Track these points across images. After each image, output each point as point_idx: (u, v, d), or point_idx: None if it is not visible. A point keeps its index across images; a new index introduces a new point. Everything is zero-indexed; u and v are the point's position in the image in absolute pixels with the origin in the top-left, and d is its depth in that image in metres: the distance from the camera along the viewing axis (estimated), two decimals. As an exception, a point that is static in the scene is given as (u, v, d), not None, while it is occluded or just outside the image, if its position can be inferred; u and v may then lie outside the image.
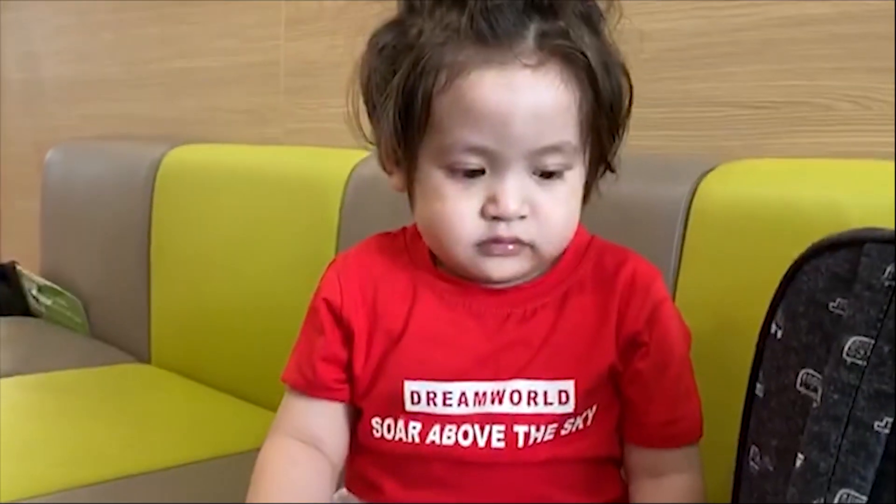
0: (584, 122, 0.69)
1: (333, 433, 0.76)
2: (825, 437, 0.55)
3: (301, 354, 0.77)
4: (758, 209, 0.85)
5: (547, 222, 0.69)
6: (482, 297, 0.73)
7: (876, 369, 0.54)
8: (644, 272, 0.74)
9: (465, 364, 0.72)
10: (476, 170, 0.68)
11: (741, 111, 1.00)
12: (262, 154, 1.51)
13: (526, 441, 0.71)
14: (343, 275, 0.76)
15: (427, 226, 0.72)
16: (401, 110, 0.68)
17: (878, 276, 0.55)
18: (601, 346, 0.72)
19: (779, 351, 0.62)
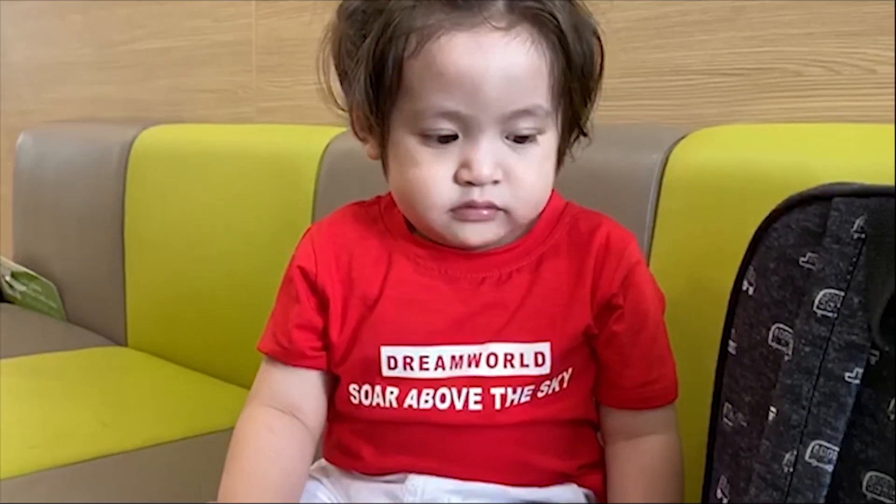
0: (556, 85, 0.69)
1: (311, 401, 0.76)
2: (797, 389, 0.56)
3: (277, 323, 0.77)
4: (730, 174, 0.85)
5: (520, 186, 0.69)
6: (457, 262, 0.73)
7: (846, 321, 0.55)
8: (618, 236, 0.75)
9: (441, 328, 0.72)
10: (449, 135, 0.68)
11: (713, 79, 1.00)
12: (236, 133, 1.50)
13: (503, 403, 0.71)
14: (317, 243, 0.76)
15: (401, 192, 0.72)
16: (372, 76, 0.68)
17: (847, 229, 0.56)
18: (576, 309, 0.72)
19: (751, 308, 0.62)
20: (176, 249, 1.49)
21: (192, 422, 1.22)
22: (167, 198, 1.51)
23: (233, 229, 1.38)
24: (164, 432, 1.18)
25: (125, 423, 1.20)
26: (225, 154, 1.43)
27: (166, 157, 1.54)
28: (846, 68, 0.90)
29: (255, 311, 0.89)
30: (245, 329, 1.16)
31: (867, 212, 0.55)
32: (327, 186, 1.25)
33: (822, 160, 0.80)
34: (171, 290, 1.50)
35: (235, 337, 1.35)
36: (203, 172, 1.45)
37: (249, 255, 1.35)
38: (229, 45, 1.64)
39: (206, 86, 1.70)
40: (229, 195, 1.39)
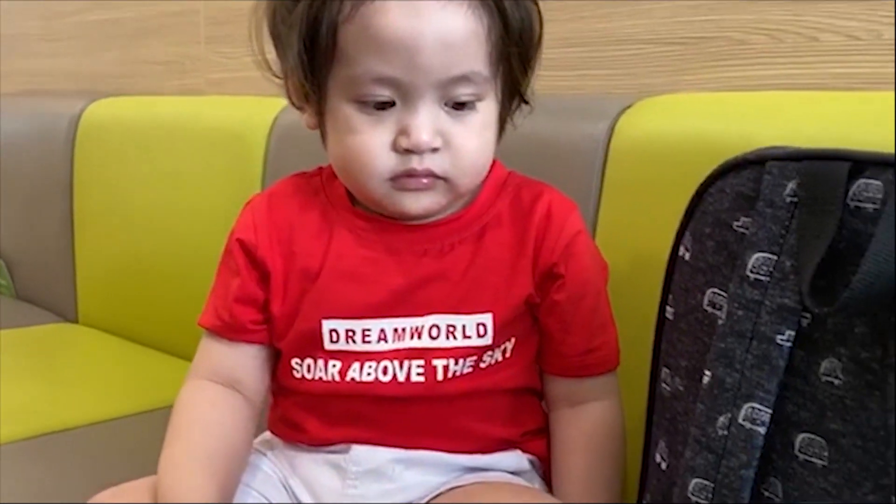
0: (494, 51, 0.68)
1: (252, 375, 0.75)
2: (730, 352, 0.56)
3: (217, 297, 0.76)
4: (675, 143, 0.85)
5: (460, 154, 0.69)
6: (399, 233, 0.73)
7: (779, 284, 0.55)
8: (560, 205, 0.75)
9: (383, 301, 0.71)
10: (386, 101, 0.67)
11: (660, 48, 1.00)
12: (184, 105, 1.47)
13: (445, 374, 0.71)
14: (258, 215, 0.75)
15: (339, 161, 0.71)
16: (306, 41, 0.67)
17: (780, 192, 0.56)
18: (518, 279, 0.72)
19: (687, 273, 0.62)
20: (126, 224, 1.47)
21: (141, 397, 1.20)
22: (116, 171, 1.49)
23: (183, 203, 1.36)
24: (112, 408, 1.16)
25: (73, 400, 1.19)
26: (174, 127, 1.41)
27: (115, 130, 1.52)
28: (789, 36, 0.90)
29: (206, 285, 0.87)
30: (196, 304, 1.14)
31: (799, 175, 0.55)
32: (277, 158, 1.24)
33: (765, 128, 0.80)
34: (122, 265, 1.48)
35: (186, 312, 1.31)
36: (152, 145, 1.43)
37: (200, 228, 1.33)
38: (177, 16, 1.61)
39: (154, 57, 1.67)
40: (179, 168, 1.38)
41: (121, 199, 1.47)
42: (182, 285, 1.36)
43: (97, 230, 1.53)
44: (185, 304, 1.34)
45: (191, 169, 1.35)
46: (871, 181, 0.52)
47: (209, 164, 1.33)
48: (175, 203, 1.37)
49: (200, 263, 1.32)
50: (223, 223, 1.23)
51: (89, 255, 1.55)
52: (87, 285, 1.56)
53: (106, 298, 1.53)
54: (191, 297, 1.32)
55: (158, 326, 1.42)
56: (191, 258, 1.34)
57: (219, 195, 1.31)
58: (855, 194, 0.53)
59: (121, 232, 1.48)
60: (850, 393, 0.52)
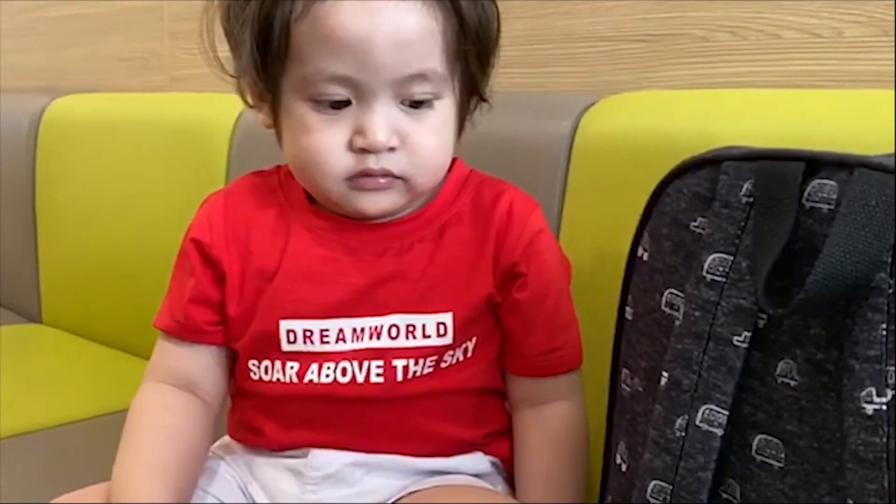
0: (450, 48, 0.67)
1: (209, 377, 0.74)
2: (687, 353, 0.56)
3: (172, 298, 0.75)
4: (639, 141, 0.85)
5: (418, 153, 0.68)
6: (358, 232, 0.72)
7: (735, 285, 0.55)
8: (521, 203, 0.74)
9: (342, 300, 0.70)
10: (341, 101, 0.66)
11: (623, 45, 1.00)
12: (147, 102, 1.46)
13: (405, 375, 0.70)
14: (213, 214, 0.74)
15: (295, 161, 0.70)
16: (258, 40, 0.66)
17: (736, 192, 0.56)
18: (479, 278, 0.72)
19: (645, 273, 0.62)
20: (89, 222, 1.45)
21: (105, 399, 1.19)
22: (79, 169, 1.47)
23: (147, 201, 1.35)
24: (76, 410, 1.15)
25: (36, 402, 1.18)
26: (137, 124, 1.40)
27: (78, 127, 1.50)
28: (752, 33, 0.90)
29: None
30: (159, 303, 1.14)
31: (755, 175, 0.55)
32: (241, 155, 1.23)
33: (728, 126, 0.80)
34: (86, 264, 1.46)
35: (150, 311, 1.31)
36: (115, 143, 1.41)
37: (164, 227, 1.31)
38: (141, 12, 1.59)
39: (118, 54, 1.65)
40: (142, 166, 1.36)
41: (84, 198, 1.45)
42: (146, 285, 1.33)
43: (60, 229, 1.51)
44: (150, 304, 1.31)
45: (155, 167, 1.34)
46: (825, 181, 0.52)
47: (173, 162, 1.31)
48: (138, 202, 1.36)
49: (165, 263, 1.30)
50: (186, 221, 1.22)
51: (52, 254, 1.53)
52: (51, 285, 1.54)
53: (70, 298, 1.51)
54: (155, 297, 1.31)
55: (123, 327, 1.40)
56: (155, 257, 1.31)
57: (183, 193, 1.29)
58: (810, 195, 0.52)
59: (84, 231, 1.46)
60: (806, 394, 0.52)
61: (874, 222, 0.48)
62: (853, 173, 0.50)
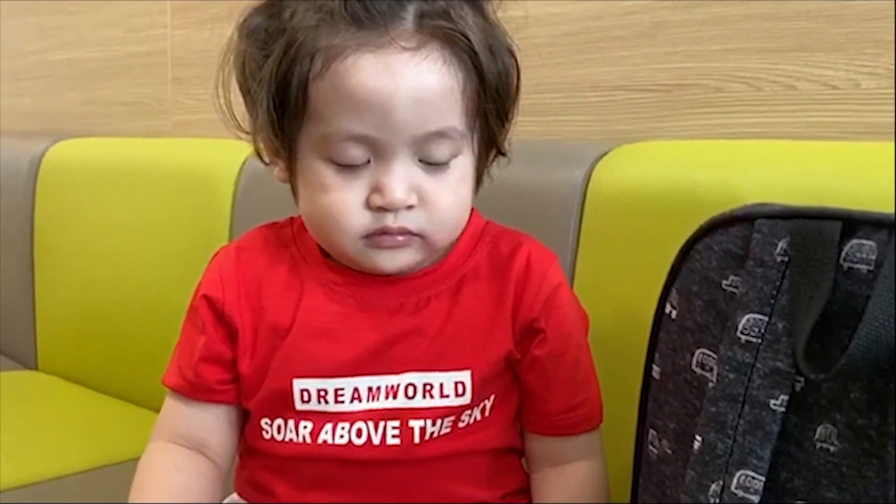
0: (470, 106, 0.66)
1: (219, 436, 0.72)
2: (722, 417, 0.54)
3: (182, 355, 0.73)
4: (652, 191, 0.84)
5: (436, 211, 0.67)
6: (373, 288, 0.70)
7: (771, 346, 0.53)
8: (539, 257, 0.73)
9: (357, 358, 0.69)
10: (359, 159, 0.65)
11: (635, 94, 0.99)
12: (150, 147, 1.45)
13: (422, 436, 0.68)
14: (224, 269, 0.72)
15: (311, 218, 0.69)
16: (276, 98, 0.65)
17: (771, 251, 0.54)
18: (497, 334, 0.70)
19: (674, 331, 0.60)
20: (88, 269, 1.43)
21: (103, 450, 1.17)
22: (79, 214, 1.45)
23: (147, 248, 1.33)
24: (73, 462, 1.13)
25: (31, 453, 1.15)
26: (139, 169, 1.38)
27: (78, 171, 1.48)
28: (767, 84, 0.90)
29: (170, 333, 0.85)
30: (160, 352, 1.11)
31: (790, 234, 0.54)
32: (245, 202, 1.22)
33: (744, 177, 0.79)
34: (83, 310, 1.44)
35: (150, 360, 1.28)
36: (116, 188, 1.40)
37: (165, 275, 1.30)
38: (144, 56, 1.58)
39: (119, 98, 1.65)
40: (144, 212, 1.35)
41: (83, 243, 1.44)
42: (145, 332, 1.33)
43: (58, 274, 1.49)
44: (148, 352, 1.32)
45: (156, 213, 1.32)
46: (864, 242, 0.51)
47: (175, 208, 1.30)
48: (139, 248, 1.34)
49: (164, 310, 1.29)
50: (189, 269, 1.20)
51: (50, 299, 1.51)
52: (47, 331, 1.52)
53: (66, 345, 1.49)
54: (154, 344, 1.29)
55: (120, 374, 1.38)
56: (155, 305, 1.31)
57: (185, 240, 1.28)
58: (848, 255, 0.51)
59: (82, 277, 1.44)
60: (847, 461, 0.50)
61: (918, 285, 0.47)
62: (893, 234, 0.49)
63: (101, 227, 1.41)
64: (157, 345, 1.28)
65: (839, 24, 0.85)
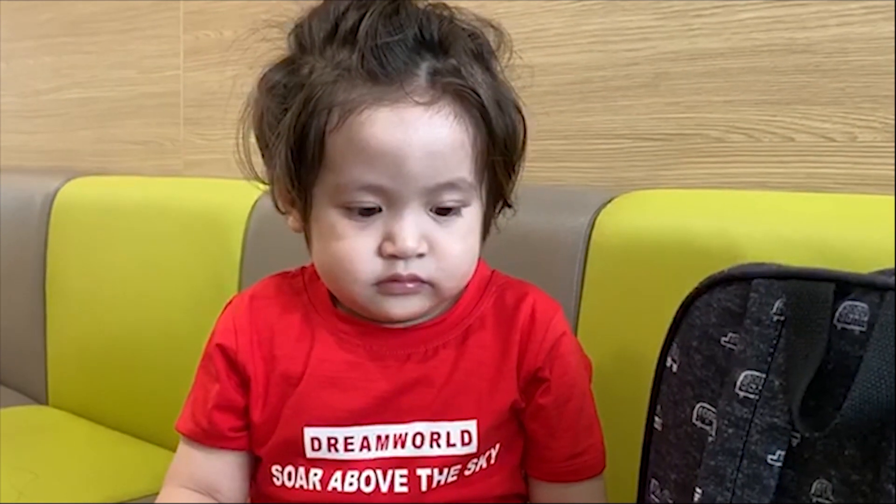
0: (479, 158, 0.69)
1: (231, 482, 0.74)
2: (721, 471, 0.56)
3: (196, 402, 0.75)
4: (654, 239, 0.86)
5: (445, 259, 0.69)
6: (382, 337, 0.72)
7: (768, 403, 0.55)
8: (544, 307, 0.75)
9: (366, 407, 0.70)
10: (372, 208, 0.67)
11: (637, 143, 1.01)
12: (162, 186, 1.46)
13: (429, 484, 0.70)
14: (238, 318, 0.74)
15: (324, 266, 0.71)
16: (293, 150, 0.67)
17: (767, 311, 0.56)
18: (503, 384, 0.72)
19: (675, 385, 0.62)
20: (99, 305, 1.44)
21: (114, 487, 1.18)
22: (91, 252, 1.47)
23: (158, 286, 1.34)
24: (83, 499, 1.13)
25: (42, 490, 1.15)
26: (150, 208, 1.40)
27: (91, 209, 1.50)
28: (766, 136, 0.92)
29: (180, 370, 0.86)
30: (171, 389, 1.13)
31: (786, 294, 0.56)
32: (256, 242, 1.23)
33: (743, 227, 0.81)
34: (95, 347, 1.45)
35: (161, 396, 1.31)
36: (128, 226, 1.41)
37: (175, 312, 1.32)
38: (157, 97, 1.61)
39: (132, 137, 1.67)
40: (155, 250, 1.36)
41: (95, 281, 1.45)
42: (155, 369, 1.34)
43: (70, 311, 1.50)
44: (158, 389, 1.33)
45: (168, 251, 1.33)
46: (856, 303, 0.52)
47: (187, 247, 1.31)
48: (150, 286, 1.35)
49: (175, 348, 1.31)
50: (200, 308, 1.22)
51: (61, 336, 1.52)
52: (59, 367, 1.53)
53: (77, 381, 1.50)
54: (164, 381, 1.31)
55: (131, 411, 1.39)
56: (166, 343, 1.32)
57: (196, 279, 1.29)
58: (841, 316, 0.53)
59: (94, 314, 1.45)
60: (842, 515, 0.52)
61: (908, 347, 0.49)
62: (884, 297, 0.51)
63: (113, 265, 1.42)
64: (167, 382, 1.29)
65: (836, 78, 0.87)
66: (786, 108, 0.90)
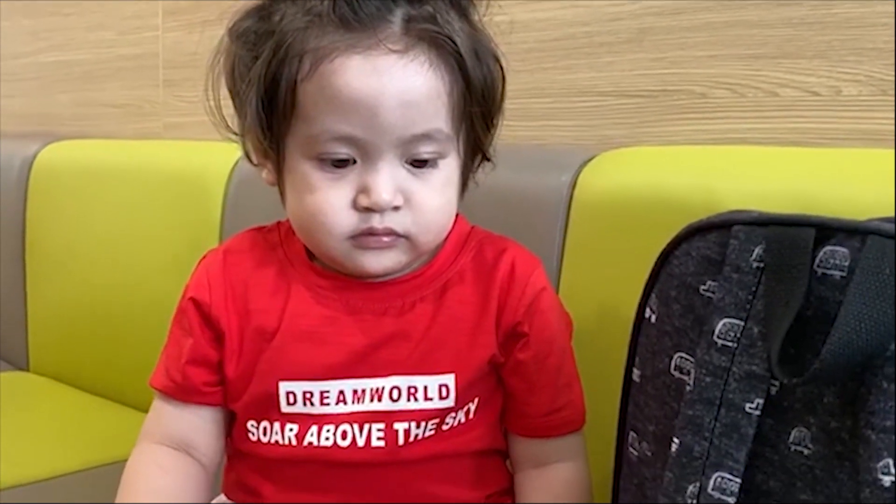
0: (456, 109, 0.67)
1: (206, 438, 0.73)
2: (698, 420, 0.55)
3: (169, 357, 0.73)
4: (636, 197, 0.85)
5: (422, 212, 0.68)
6: (359, 291, 0.71)
7: (746, 351, 0.54)
8: (523, 262, 0.74)
9: (342, 361, 0.69)
10: (346, 160, 0.66)
11: (620, 100, 1.00)
12: (141, 149, 1.45)
13: (406, 438, 0.69)
14: (212, 272, 0.73)
15: (298, 219, 0.70)
16: (264, 99, 0.66)
17: (747, 257, 0.55)
18: (481, 339, 0.71)
19: (653, 335, 0.61)
20: (80, 269, 1.43)
21: (95, 451, 1.17)
22: (71, 216, 1.46)
23: (139, 249, 1.33)
24: (65, 463, 1.13)
25: (22, 455, 1.15)
26: (130, 171, 1.38)
27: (70, 173, 1.48)
28: (750, 91, 0.91)
29: (161, 334, 0.85)
30: (151, 353, 1.11)
31: (766, 240, 0.55)
32: (236, 204, 1.22)
33: (727, 183, 0.80)
34: (75, 311, 1.44)
35: (141, 361, 1.28)
36: (108, 190, 1.40)
37: (156, 275, 1.31)
38: (135, 59, 1.59)
39: (111, 100, 1.65)
40: (135, 213, 1.35)
41: (75, 245, 1.44)
42: (137, 334, 1.33)
43: (50, 275, 1.49)
44: (140, 353, 1.31)
45: (148, 215, 1.33)
46: (837, 248, 0.52)
47: (167, 210, 1.30)
48: (130, 249, 1.34)
49: (156, 312, 1.29)
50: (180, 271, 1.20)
51: (41, 300, 1.51)
52: (39, 332, 1.52)
53: (58, 346, 1.49)
54: (145, 345, 1.29)
55: (112, 376, 1.38)
56: (147, 306, 1.31)
57: (176, 242, 1.28)
58: (822, 261, 0.52)
59: (74, 278, 1.44)
60: (820, 463, 0.51)
61: (888, 291, 0.48)
62: (865, 241, 0.50)
63: (93, 229, 1.41)
64: (148, 346, 1.27)
65: (821, 31, 0.86)
66: (771, 63, 0.89)
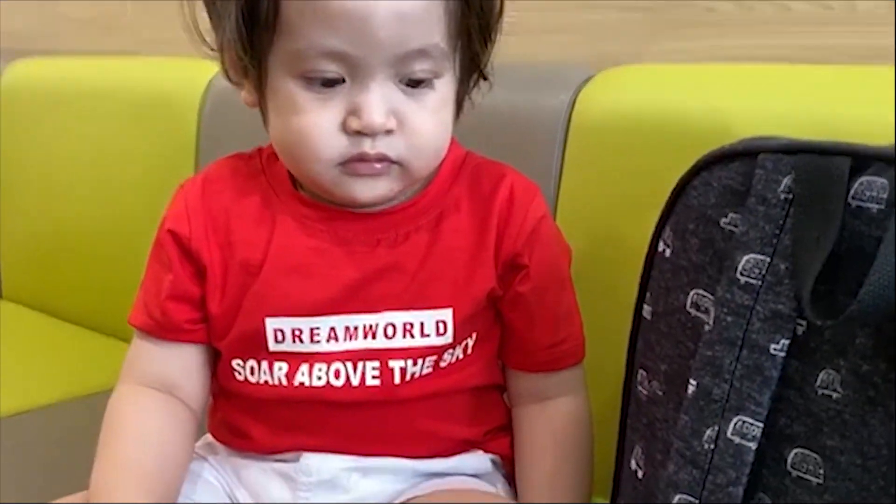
0: (453, 23, 0.62)
1: (190, 378, 0.69)
2: (718, 361, 0.52)
3: (148, 293, 0.69)
4: (639, 118, 0.81)
5: (416, 136, 0.62)
6: (349, 222, 0.67)
7: (772, 288, 0.51)
8: (522, 189, 0.69)
9: (333, 296, 0.65)
10: (334, 78, 0.60)
11: (621, 14, 0.95)
12: (113, 66, 1.38)
13: (403, 377, 0.66)
14: (190, 202, 0.68)
15: (282, 144, 0.64)
16: (245, 10, 0.60)
17: (774, 188, 0.51)
18: (480, 271, 0.67)
19: (667, 270, 0.58)
20: (51, 193, 1.38)
21: (73, 382, 1.14)
22: (40, 136, 1.40)
23: (111, 170, 1.29)
24: (40, 396, 1.10)
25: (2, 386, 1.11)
26: (101, 90, 1.33)
27: (38, 91, 1.43)
28: (759, 4, 0.86)
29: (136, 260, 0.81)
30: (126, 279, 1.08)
31: (795, 170, 0.51)
32: (211, 124, 1.17)
33: (736, 104, 0.76)
34: (48, 236, 1.40)
35: (115, 287, 1.26)
36: (79, 109, 1.34)
37: (130, 199, 1.27)
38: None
39: (81, 14, 1.57)
40: (107, 135, 1.30)
41: (46, 167, 1.39)
42: (110, 259, 1.30)
43: (21, 199, 1.45)
44: (113, 279, 1.29)
45: (120, 135, 1.28)
46: (875, 179, 0.47)
47: (139, 131, 1.25)
48: (103, 171, 1.30)
49: (130, 236, 1.26)
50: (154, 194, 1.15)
51: (12, 225, 1.47)
52: (11, 258, 1.48)
53: (32, 273, 1.45)
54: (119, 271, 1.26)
55: (85, 302, 1.35)
56: (120, 230, 1.28)
57: (150, 164, 1.24)
58: (857, 193, 0.48)
59: (46, 201, 1.39)
60: (850, 408, 0.48)
61: (933, 225, 0.44)
62: (906, 170, 0.46)
63: (64, 149, 1.36)
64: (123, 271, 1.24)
65: (837, -60, 0.81)
66: (781, -27, 0.84)
